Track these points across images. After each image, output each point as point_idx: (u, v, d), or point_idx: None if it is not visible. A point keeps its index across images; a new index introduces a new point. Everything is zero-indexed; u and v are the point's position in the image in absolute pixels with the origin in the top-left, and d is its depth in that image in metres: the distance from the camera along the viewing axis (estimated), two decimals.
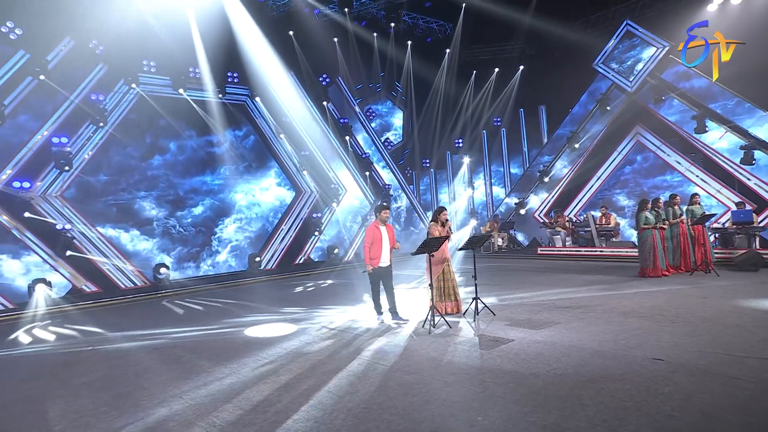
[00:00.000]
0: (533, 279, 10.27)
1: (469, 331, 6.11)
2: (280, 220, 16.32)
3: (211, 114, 14.80)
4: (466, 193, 20.63)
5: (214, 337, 6.71)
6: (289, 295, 10.29)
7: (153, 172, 13.92)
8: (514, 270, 12.11)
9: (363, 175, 18.56)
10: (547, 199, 18.06)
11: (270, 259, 15.67)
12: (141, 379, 5.14)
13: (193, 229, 14.40)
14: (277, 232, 16.16)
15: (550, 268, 12.08)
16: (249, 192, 15.97)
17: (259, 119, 16.21)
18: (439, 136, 21.04)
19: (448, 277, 6.96)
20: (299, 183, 16.89)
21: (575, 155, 17.41)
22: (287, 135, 16.48)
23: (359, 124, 19.44)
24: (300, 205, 16.79)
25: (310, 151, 17.01)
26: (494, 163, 20.83)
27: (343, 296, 9.52)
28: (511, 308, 7.26)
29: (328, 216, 17.36)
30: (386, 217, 6.75)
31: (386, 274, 6.64)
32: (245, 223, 15.65)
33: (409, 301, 8.27)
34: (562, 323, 6.15)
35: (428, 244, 6.41)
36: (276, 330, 6.83)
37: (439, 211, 7.06)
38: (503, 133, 20.36)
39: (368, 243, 6.56)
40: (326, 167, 17.45)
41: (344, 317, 7.44)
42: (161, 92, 14.12)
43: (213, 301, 9.97)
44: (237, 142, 15.75)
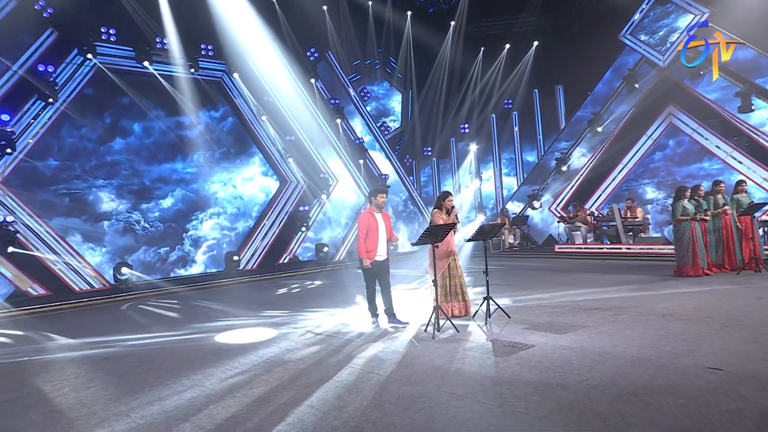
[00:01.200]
0: (551, 279, 10.20)
1: (480, 335, 5.93)
2: (262, 213, 16.21)
3: (182, 91, 14.49)
4: (473, 184, 20.52)
5: (178, 344, 6.53)
6: (271, 297, 10.25)
7: (113, 158, 13.61)
8: (529, 269, 12.09)
9: (356, 163, 18.48)
10: (565, 191, 18.01)
11: (250, 259, 15.55)
12: (81, 394, 4.81)
13: (161, 225, 14.15)
14: (259, 228, 15.99)
15: (570, 267, 12.06)
16: (228, 182, 15.82)
17: (238, 99, 15.97)
18: (443, 121, 21.07)
19: (455, 274, 6.81)
20: (284, 172, 16.72)
21: (597, 141, 17.30)
22: (270, 117, 16.31)
23: (353, 106, 19.50)
24: (285, 196, 16.62)
25: (296, 135, 16.86)
26: (505, 150, 20.80)
27: (333, 298, 9.43)
28: (528, 310, 7.14)
29: (316, 209, 17.24)
30: (382, 202, 6.55)
31: (383, 270, 6.50)
32: (224, 219, 15.55)
33: (409, 303, 8.16)
34: (591, 327, 5.96)
35: (432, 233, 6.19)
36: (252, 335, 6.67)
37: (443, 197, 6.92)
38: (515, 117, 20.31)
39: (363, 233, 6.37)
40: (315, 154, 17.34)
41: (333, 321, 7.32)
42: (123, 65, 13.78)
43: (182, 304, 9.85)
44: (213, 125, 15.54)
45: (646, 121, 15.96)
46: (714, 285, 8.36)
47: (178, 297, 10.96)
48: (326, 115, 17.71)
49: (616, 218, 13.79)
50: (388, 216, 6.68)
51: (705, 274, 9.28)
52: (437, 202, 6.99)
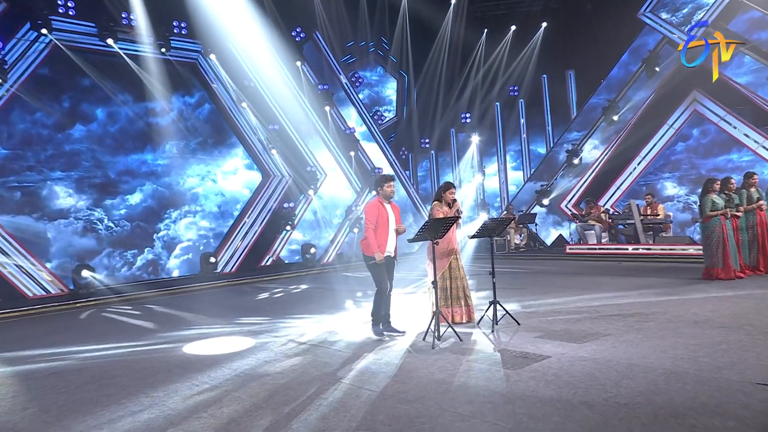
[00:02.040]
0: (564, 282, 10.21)
1: (487, 344, 5.80)
2: (242, 211, 16.09)
3: (151, 74, 14.20)
4: (475, 180, 20.46)
5: (141, 355, 6.36)
6: (250, 302, 10.26)
7: (73, 147, 13.25)
8: (538, 272, 12.13)
9: (347, 155, 18.44)
10: (576, 187, 17.99)
11: (229, 260, 15.41)
12: (16, 417, 4.48)
13: (127, 225, 13.92)
14: (239, 227, 15.84)
15: (584, 269, 12.13)
16: (206, 176, 15.66)
17: (216, 83, 15.75)
18: (442, 110, 21.09)
19: (457, 275, 6.72)
20: (266, 165, 16.58)
21: (612, 131, 17.28)
22: (251, 104, 16.13)
23: (343, 92, 19.40)
24: (268, 192, 16.53)
25: (280, 124, 16.73)
26: (510, 142, 20.84)
27: (320, 303, 9.39)
28: (540, 316, 7.07)
29: (303, 206, 17.17)
30: (390, 191, 6.39)
31: (389, 268, 6.38)
32: (203, 218, 15.40)
33: (405, 309, 8.10)
34: (613, 335, 5.85)
35: (431, 227, 6.00)
36: (226, 346, 6.53)
37: (444, 188, 6.82)
38: (521, 105, 20.26)
39: (372, 224, 6.19)
40: (301, 145, 17.25)
41: (319, 328, 7.21)
42: (83, 42, 13.43)
43: (149, 311, 9.78)
44: (187, 112, 15.33)
45: (667, 109, 15.89)
46: (749, 289, 8.24)
47: (146, 303, 10.87)
48: (314, 102, 17.57)
49: (635, 216, 13.69)
50: (398, 208, 6.55)
51: (737, 277, 9.11)
52: (437, 193, 6.90)
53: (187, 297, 11.58)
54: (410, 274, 12.17)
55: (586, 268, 12.35)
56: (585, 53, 17.33)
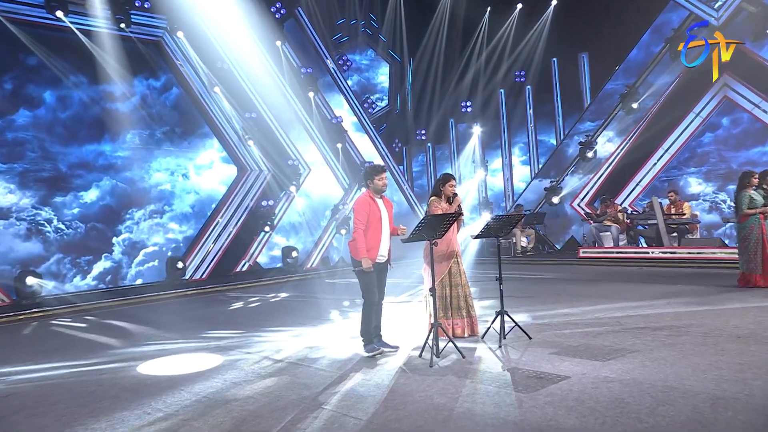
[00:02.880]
0: (579, 290, 10.24)
1: (494, 362, 5.67)
2: (215, 210, 16.08)
3: (110, 53, 13.99)
4: (477, 176, 20.54)
5: (86, 376, 6.11)
6: (222, 313, 10.21)
7: (16, 135, 12.97)
8: (549, 279, 12.19)
9: (333, 148, 18.63)
10: (590, 183, 17.94)
11: (199, 266, 15.36)
12: None
13: (81, 227, 13.70)
14: (210, 228, 15.81)
15: (600, 275, 12.20)
16: (177, 171, 15.58)
17: (184, 65, 15.63)
18: (440, 98, 21.35)
19: (458, 281, 6.62)
20: (242, 158, 16.61)
21: (631, 120, 17.24)
22: (225, 88, 16.11)
23: (329, 77, 19.57)
24: (244, 188, 16.56)
25: (257, 112, 16.76)
26: (516, 134, 20.91)
27: (301, 314, 9.38)
28: (554, 329, 6.96)
29: (284, 204, 17.23)
30: (383, 185, 6.23)
31: (381, 275, 6.26)
32: (171, 219, 15.33)
33: (399, 320, 8.06)
34: (642, 351, 5.68)
35: (429, 225, 5.78)
36: (189, 364, 6.36)
37: (443, 181, 6.75)
38: (528, 93, 20.30)
39: (362, 223, 6.02)
40: (281, 136, 17.27)
41: (299, 343, 7.07)
42: (27, 14, 13.15)
43: (103, 324, 9.64)
44: (152, 97, 15.21)
45: (693, 95, 15.79)
46: None
47: (101, 314, 10.75)
48: (296, 87, 17.64)
49: (657, 215, 13.57)
50: (391, 204, 6.42)
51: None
52: (435, 187, 6.84)
53: (148, 307, 11.45)
54: (404, 281, 12.09)
55: (602, 274, 12.36)
56: (600, 33, 17.32)
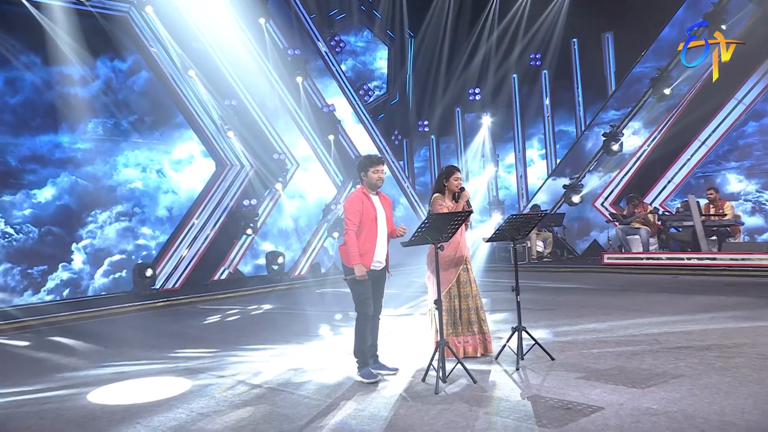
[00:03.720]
0: (605, 301, 10.28)
1: (511, 388, 5.54)
2: (190, 210, 16.09)
3: (66, 30, 13.84)
4: (487, 172, 20.55)
5: (26, 407, 5.92)
6: (194, 328, 10.22)
7: None
8: (570, 288, 12.27)
9: (324, 140, 18.63)
10: (616, 180, 17.88)
11: (172, 274, 15.34)
12: None
13: (34, 231, 13.66)
14: (184, 231, 15.80)
15: (629, 284, 12.21)
16: (149, 167, 15.59)
17: (155, 44, 15.55)
18: (444, 84, 21.34)
19: (468, 292, 6.59)
20: (221, 151, 16.60)
21: (663, 108, 17.13)
22: (200, 72, 16.01)
23: (320, 61, 19.70)
24: (223, 186, 16.59)
25: (238, 99, 16.79)
26: (531, 125, 20.83)
27: (285, 329, 9.34)
28: (581, 348, 6.85)
29: (268, 204, 17.24)
30: (379, 178, 6.10)
31: (377, 284, 6.18)
32: (142, 222, 15.29)
33: (398, 337, 8.02)
34: (688, 376, 5.47)
35: (433, 226, 5.65)
36: (150, 390, 6.24)
37: (447, 174, 6.69)
38: (545, 78, 20.25)
39: (354, 224, 5.92)
40: (265, 126, 17.33)
41: (282, 365, 6.98)
42: None
43: (54, 342, 9.55)
44: (118, 81, 15.16)
45: (736, 79, 15.60)
46: None
47: (51, 330, 10.69)
48: (282, 71, 17.62)
49: (694, 216, 13.42)
50: (389, 201, 6.33)
51: None
52: (438, 182, 6.78)
53: (109, 322, 11.38)
54: (405, 291, 12.07)
55: (631, 283, 12.36)
56: (627, 10, 17.23)
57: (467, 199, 6.60)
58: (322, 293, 13.62)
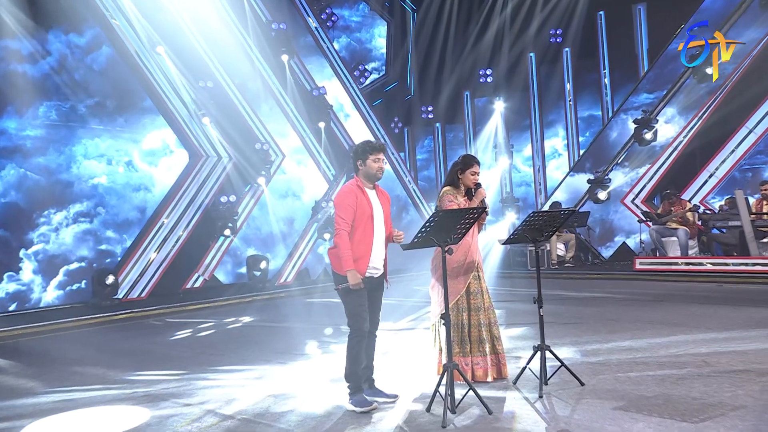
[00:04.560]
0: (640, 314, 10.22)
1: (534, 421, 5.43)
2: (158, 208, 15.86)
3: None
4: (500, 165, 20.41)
5: None
6: (160, 345, 10.16)
7: None
8: (597, 298, 12.36)
9: (314, 128, 18.47)
10: (649, 173, 17.79)
11: (137, 281, 15.12)
12: None
13: None
14: (152, 232, 15.56)
15: (666, 294, 12.25)
16: (116, 159, 15.37)
17: (118, 16, 15.23)
18: (451, 64, 21.30)
19: (479, 304, 6.52)
20: (195, 140, 16.32)
21: (704, 91, 16.96)
22: (171, 49, 15.79)
23: (310, 37, 19.63)
24: (197, 181, 16.33)
25: (215, 80, 16.57)
26: (550, 111, 20.82)
27: (266, 346, 9.35)
28: (615, 370, 6.75)
29: (249, 201, 17.16)
30: (379, 168, 6.04)
31: (374, 295, 6.15)
32: (105, 224, 15.05)
33: (398, 357, 8.00)
34: (750, 408, 5.31)
35: (440, 225, 5.53)
36: (101, 423, 6.20)
37: (463, 165, 6.64)
38: (566, 56, 20.17)
39: (347, 223, 5.89)
40: (246, 112, 17.22)
41: (259, 390, 6.91)
42: None
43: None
44: (74, 58, 14.85)
45: None
46: None
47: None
48: (265, 48, 17.56)
49: (743, 215, 13.30)
50: (387, 197, 6.29)
51: None
52: (450, 174, 6.77)
53: (60, 339, 11.27)
54: (406, 301, 12.16)
55: (668, 292, 12.37)
56: None
57: (483, 198, 6.52)
58: (310, 303, 13.61)
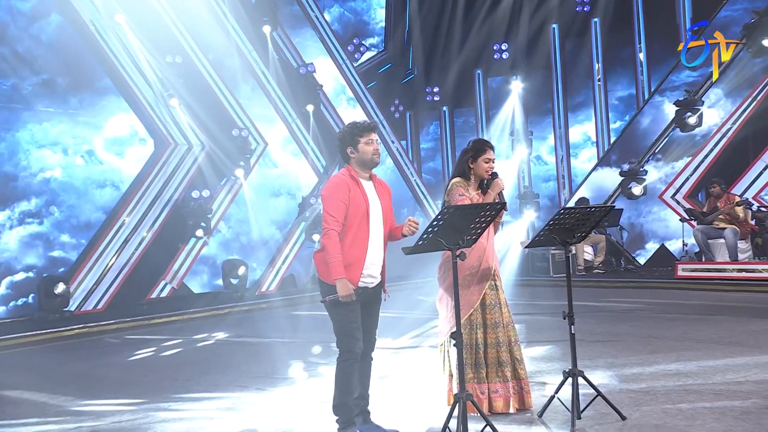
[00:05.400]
0: (686, 330, 10.13)
1: None
2: (119, 205, 15.82)
3: None
4: (517, 155, 20.51)
5: None
6: (115, 367, 10.02)
7: None
8: (633, 310, 12.46)
9: (301, 111, 18.54)
10: (692, 164, 17.83)
11: (92, 291, 15.03)
12: None
13: None
14: (111, 233, 15.47)
15: (716, 306, 12.30)
16: (73, 148, 15.32)
17: None
18: (460, 39, 21.51)
19: (497, 319, 6.33)
20: (162, 126, 16.32)
21: (759, 68, 17.09)
22: (132, 18, 15.75)
23: (297, 6, 20.03)
24: (164, 172, 16.34)
25: (184, 55, 16.57)
26: (577, 91, 21.02)
27: (241, 369, 9.22)
28: (662, 400, 6.52)
29: (225, 197, 17.25)
30: (374, 152, 5.84)
31: (369, 309, 5.98)
32: (58, 226, 15.09)
33: (399, 380, 7.88)
34: None
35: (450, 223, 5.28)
36: None
37: (474, 151, 6.45)
38: (595, 28, 20.33)
39: (335, 220, 5.69)
40: (221, 93, 17.26)
41: (231, 424, 6.77)
42: None
43: None
44: (17, 27, 14.82)
45: None
46: None
47: None
48: (243, 18, 17.68)
49: None
50: (387, 188, 6.13)
51: None
52: (460, 162, 6.56)
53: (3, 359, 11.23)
54: (408, 315, 12.15)
55: (719, 304, 12.40)
56: None
57: (500, 190, 6.30)
58: (296, 316, 13.59)
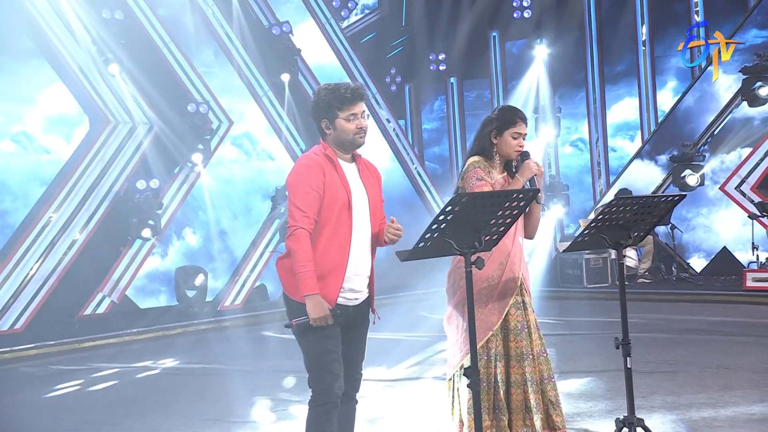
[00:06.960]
0: (764, 357, 10.07)
1: None
2: (41, 200, 15.81)
3: None
4: (542, 136, 20.89)
5: None
6: (28, 407, 9.88)
7: None
8: (692, 331, 12.68)
9: (275, 82, 18.78)
10: (760, 150, 17.79)
11: (8, 307, 14.95)
12: None
13: None
14: (32, 233, 15.42)
15: None
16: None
17: None
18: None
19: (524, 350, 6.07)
20: (97, 99, 16.25)
21: None
22: None
23: None
24: (101, 157, 16.24)
25: (127, 10, 16.47)
26: (616, 60, 21.23)
27: (190, 408, 9.09)
28: None
29: (180, 188, 17.33)
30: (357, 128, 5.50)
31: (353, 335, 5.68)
32: None
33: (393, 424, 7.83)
34: None
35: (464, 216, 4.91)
36: None
37: (501, 123, 6.20)
38: None
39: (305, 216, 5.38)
40: (175, 59, 17.30)
41: None
42: None
43: None
44: None
45: None
46: None
47: None
48: None
49: None
50: (377, 173, 5.90)
51: None
52: (480, 136, 6.29)
53: None
54: (407, 336, 12.29)
55: None
56: None
57: (534, 174, 5.97)
58: (264, 338, 13.70)
